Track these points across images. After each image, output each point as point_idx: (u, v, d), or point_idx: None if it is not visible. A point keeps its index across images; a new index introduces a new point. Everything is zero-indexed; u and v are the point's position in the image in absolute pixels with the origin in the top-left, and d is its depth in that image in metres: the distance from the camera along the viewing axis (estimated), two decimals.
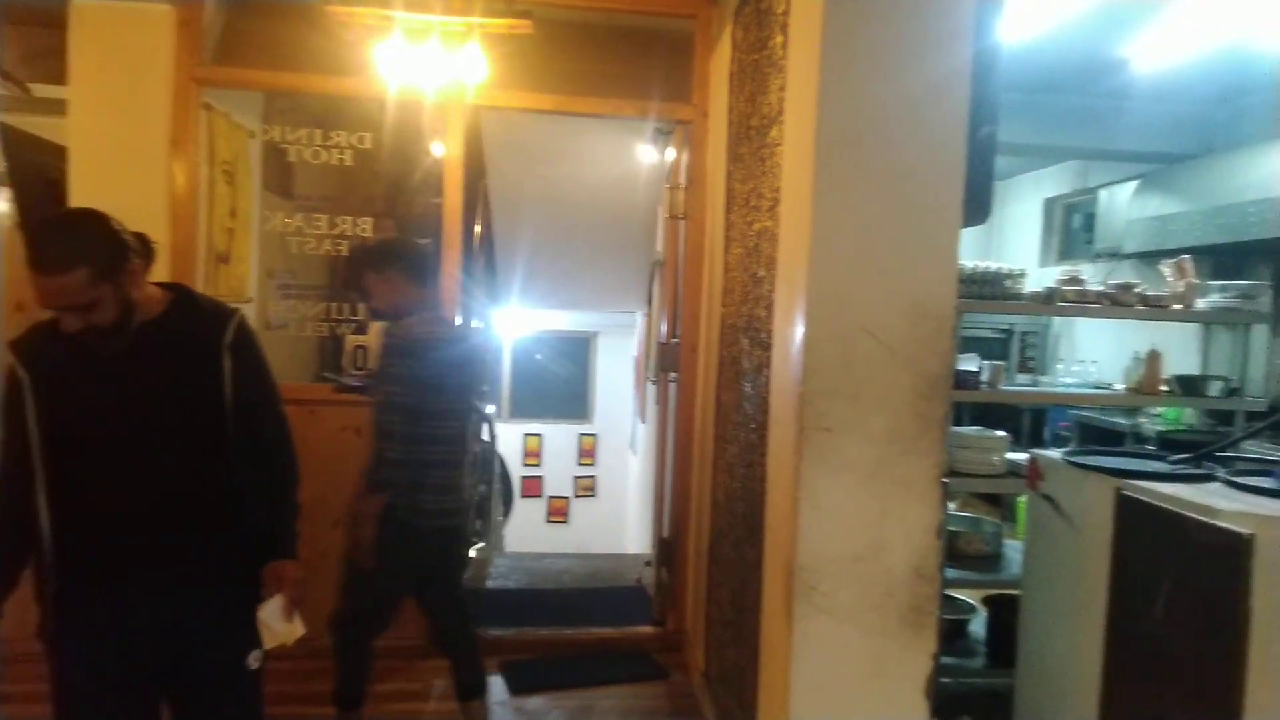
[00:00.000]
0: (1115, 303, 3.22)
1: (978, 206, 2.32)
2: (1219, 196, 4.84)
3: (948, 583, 3.42)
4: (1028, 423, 6.66)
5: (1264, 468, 2.23)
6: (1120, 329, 6.06)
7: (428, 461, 2.72)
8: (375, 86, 3.44)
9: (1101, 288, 3.27)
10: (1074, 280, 3.29)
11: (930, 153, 2.06)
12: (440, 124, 3.64)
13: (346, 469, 3.53)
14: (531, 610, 4.27)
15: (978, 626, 3.67)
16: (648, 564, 4.55)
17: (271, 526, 1.90)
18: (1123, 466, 2.26)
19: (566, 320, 8.59)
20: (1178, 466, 2.29)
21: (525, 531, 7.88)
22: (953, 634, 3.65)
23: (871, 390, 2.09)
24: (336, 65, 3.56)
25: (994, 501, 5.43)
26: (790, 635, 2.12)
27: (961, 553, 3.59)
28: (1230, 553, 1.78)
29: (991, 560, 3.58)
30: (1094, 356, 5.83)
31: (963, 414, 6.69)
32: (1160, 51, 4.33)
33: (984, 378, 3.38)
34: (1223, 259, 5.65)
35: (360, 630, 2.78)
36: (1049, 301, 3.24)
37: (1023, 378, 7.28)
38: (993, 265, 3.23)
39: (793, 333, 2.18)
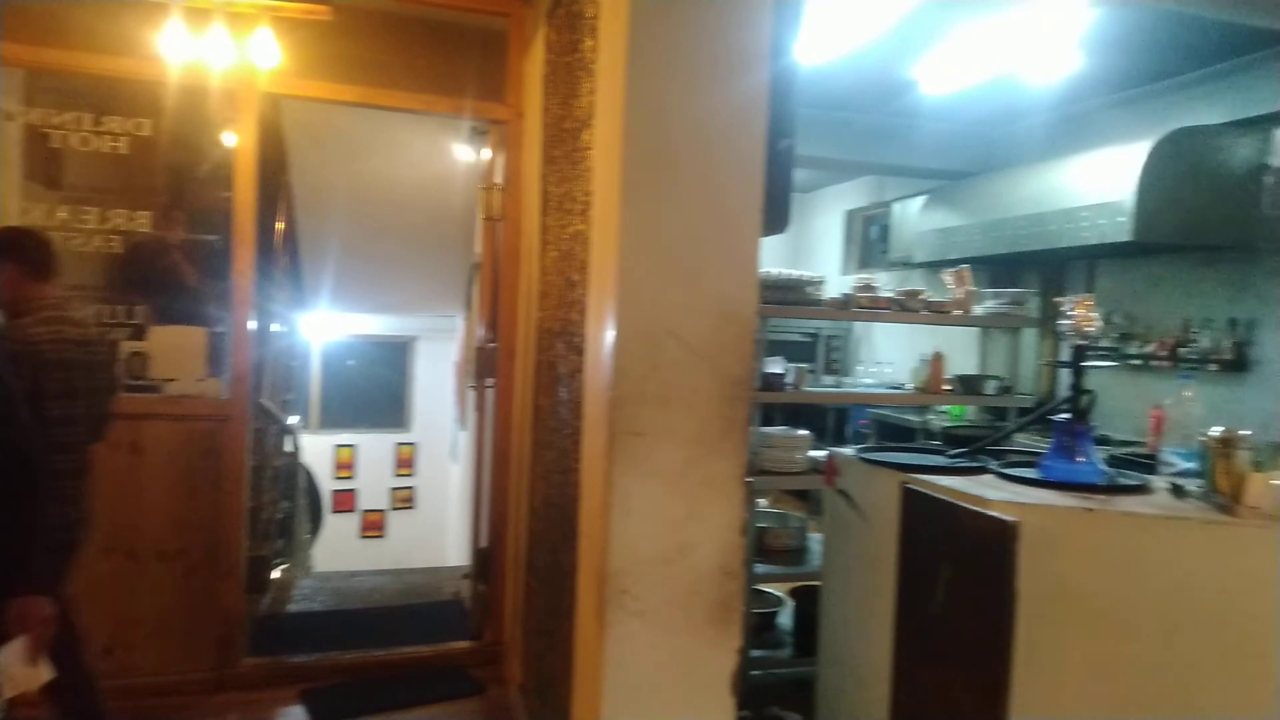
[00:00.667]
0: (903, 308, 3.46)
1: (778, 215, 2.41)
2: (995, 211, 5.31)
3: (757, 577, 3.55)
4: (833, 421, 7.06)
5: (1030, 459, 2.45)
6: (913, 333, 6.55)
7: (49, 471, 2.49)
8: (155, 69, 3.14)
9: (891, 294, 3.49)
10: (867, 287, 3.49)
11: (732, 163, 2.11)
12: (231, 112, 3.38)
13: (123, 491, 3.21)
14: (338, 633, 4.03)
15: (786, 618, 3.83)
16: (465, 576, 4.43)
17: (13, 558, 1.67)
18: (907, 461, 2.41)
19: (383, 324, 8.25)
20: (956, 460, 2.48)
21: (337, 548, 7.49)
22: (762, 627, 3.79)
23: (679, 394, 2.11)
24: (111, 43, 3.23)
25: (803, 497, 5.69)
26: (602, 640, 2.11)
27: (769, 548, 3.73)
28: (999, 538, 1.93)
29: (798, 554, 3.74)
30: (890, 359, 6.27)
31: (774, 414, 7.01)
32: (944, 76, 4.70)
33: (789, 380, 3.52)
34: (999, 269, 6.21)
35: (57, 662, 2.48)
36: (845, 307, 3.43)
37: (828, 379, 7.74)
38: (794, 272, 3.38)
39: (603, 337, 2.17)
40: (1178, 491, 2.12)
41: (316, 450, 7.60)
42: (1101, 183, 4.48)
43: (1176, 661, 1.90)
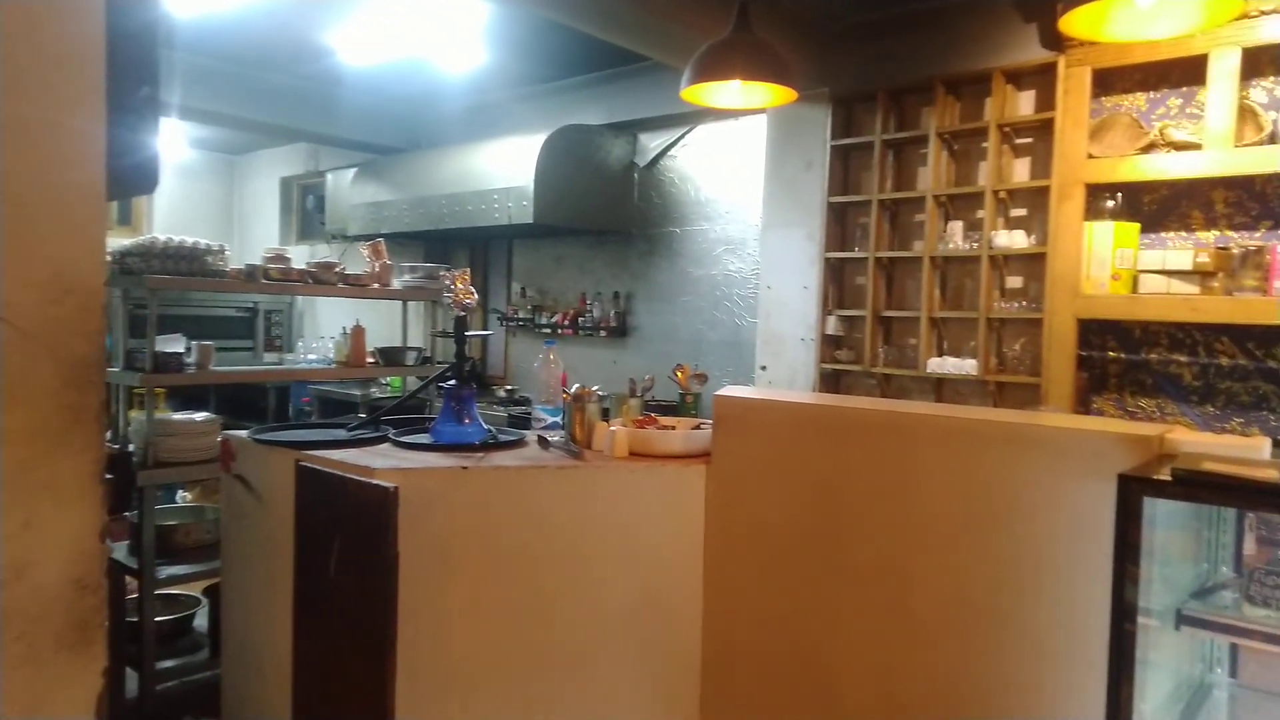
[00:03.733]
0: (317, 281, 3.38)
1: (140, 172, 2.13)
2: (421, 189, 5.50)
3: (169, 580, 3.20)
4: (275, 400, 6.69)
5: (428, 425, 2.57)
6: (356, 307, 6.48)
7: None
8: None
9: (304, 266, 3.38)
10: (279, 258, 3.33)
11: (62, 108, 1.79)
12: None
13: None
14: None
15: (203, 620, 3.52)
16: None
17: None
18: (303, 439, 2.35)
19: None
20: (356, 432, 2.49)
21: None
22: (175, 633, 3.44)
23: (1, 382, 1.75)
24: None
25: None
26: None
27: (181, 546, 3.38)
28: (381, 505, 1.98)
29: (215, 549, 3.44)
30: (334, 333, 6.13)
31: (209, 397, 6.39)
32: (361, 47, 4.68)
33: (191, 359, 3.20)
34: (433, 244, 6.48)
35: None
36: (252, 279, 3.23)
37: (269, 356, 7.30)
38: (189, 240, 3.06)
39: None
40: (543, 443, 2.41)
41: None
42: (508, 169, 4.92)
43: (540, 591, 2.16)
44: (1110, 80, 3.40)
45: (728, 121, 4.87)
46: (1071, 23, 1.69)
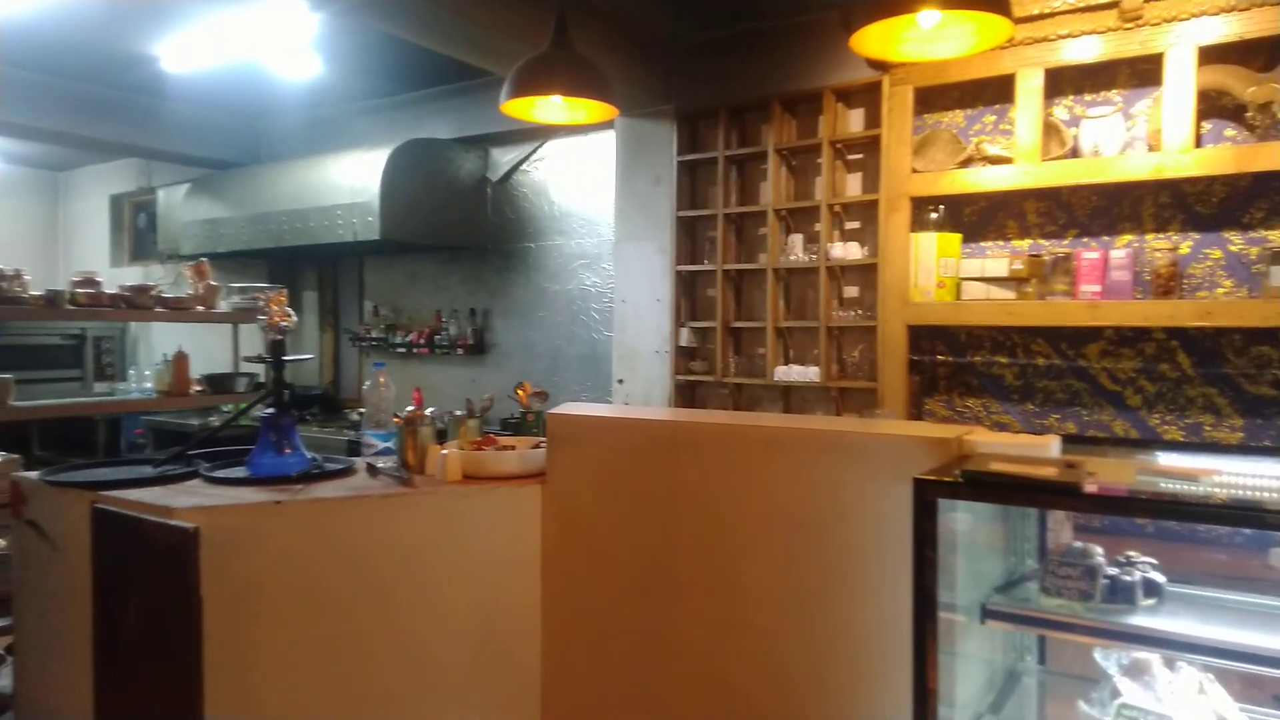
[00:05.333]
0: (131, 305, 3.14)
1: None
2: (260, 204, 5.23)
3: None
4: (105, 433, 6.21)
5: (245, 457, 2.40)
6: (192, 331, 6.11)
7: None
8: None
9: (117, 290, 3.14)
10: (88, 282, 3.09)
11: None
12: None
13: None
14: None
15: (7, 680, 3.20)
16: None
17: None
18: (101, 479, 2.17)
19: None
20: (164, 468, 2.31)
21: None
22: None
23: None
24: None
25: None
26: None
27: None
28: (180, 548, 1.84)
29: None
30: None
31: (31, 433, 5.87)
32: (185, 55, 4.40)
33: None
34: (278, 263, 6.18)
35: None
36: (54, 305, 2.97)
37: (101, 385, 6.78)
38: None
39: None
40: (372, 470, 2.31)
41: None
42: (353, 183, 4.75)
43: (364, 628, 2.06)
44: (931, 98, 3.58)
45: (579, 136, 4.87)
46: (863, 41, 1.75)
